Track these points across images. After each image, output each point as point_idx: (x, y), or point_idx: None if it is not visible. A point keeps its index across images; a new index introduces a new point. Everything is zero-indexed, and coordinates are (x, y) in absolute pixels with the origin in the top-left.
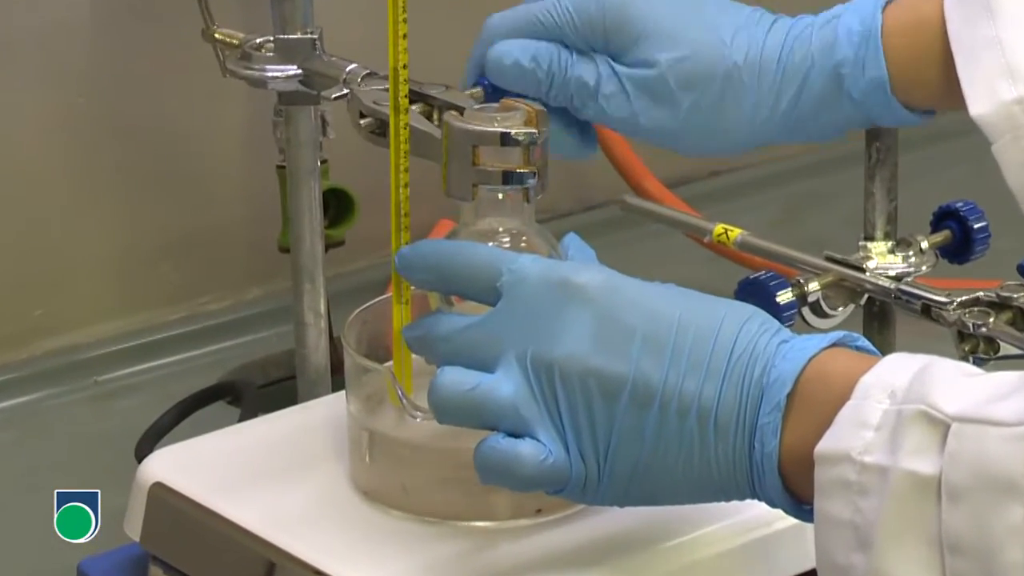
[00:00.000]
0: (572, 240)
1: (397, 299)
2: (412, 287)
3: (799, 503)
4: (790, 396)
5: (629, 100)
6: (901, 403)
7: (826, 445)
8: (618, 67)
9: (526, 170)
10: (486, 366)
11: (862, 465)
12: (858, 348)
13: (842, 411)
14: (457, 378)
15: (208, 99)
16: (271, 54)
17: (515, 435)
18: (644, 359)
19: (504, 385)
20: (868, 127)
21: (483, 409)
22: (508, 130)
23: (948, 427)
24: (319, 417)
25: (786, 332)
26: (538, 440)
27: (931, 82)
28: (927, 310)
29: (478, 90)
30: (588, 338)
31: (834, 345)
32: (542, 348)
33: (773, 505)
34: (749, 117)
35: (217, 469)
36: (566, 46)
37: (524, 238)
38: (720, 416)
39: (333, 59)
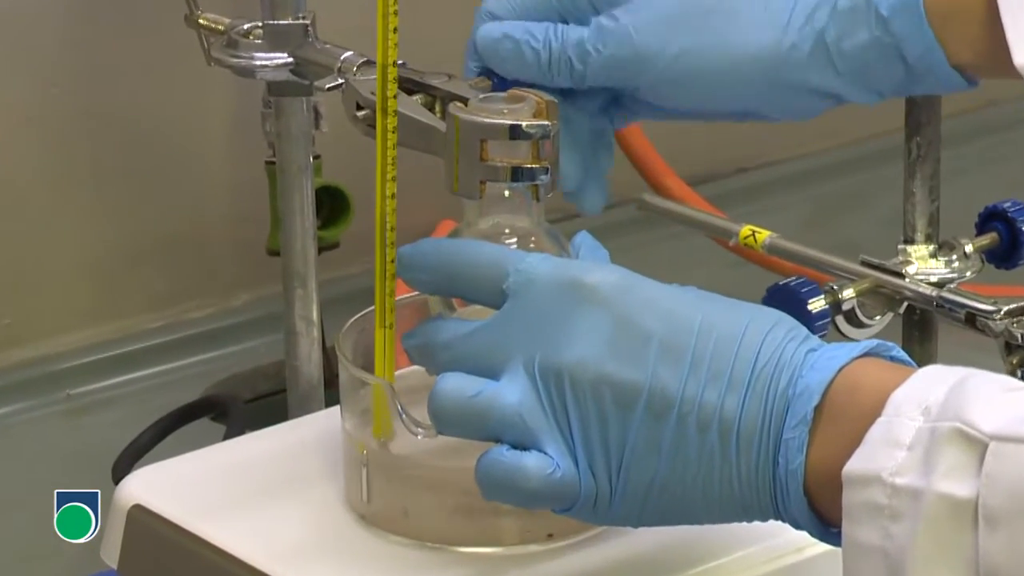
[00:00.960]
0: (584, 239)
1: (380, 323)
2: (393, 306)
3: (826, 525)
4: (818, 409)
5: (630, 31)
6: (935, 420)
7: (855, 465)
8: (615, 12)
9: (537, 165)
10: (491, 374)
11: (893, 487)
12: (892, 358)
13: (872, 428)
14: (459, 384)
15: (192, 90)
16: (260, 41)
17: (521, 447)
18: (661, 366)
19: (509, 392)
20: (903, 80)
21: (486, 418)
22: (518, 123)
23: (986, 446)
24: (311, 434)
25: (815, 340)
26: (545, 453)
27: (974, 36)
28: (972, 319)
29: (483, 79)
30: (601, 343)
31: (866, 355)
32: (551, 353)
33: (798, 527)
34: (765, 23)
35: (201, 491)
36: (564, 21)
37: (533, 239)
38: (743, 430)
39: (327, 46)
